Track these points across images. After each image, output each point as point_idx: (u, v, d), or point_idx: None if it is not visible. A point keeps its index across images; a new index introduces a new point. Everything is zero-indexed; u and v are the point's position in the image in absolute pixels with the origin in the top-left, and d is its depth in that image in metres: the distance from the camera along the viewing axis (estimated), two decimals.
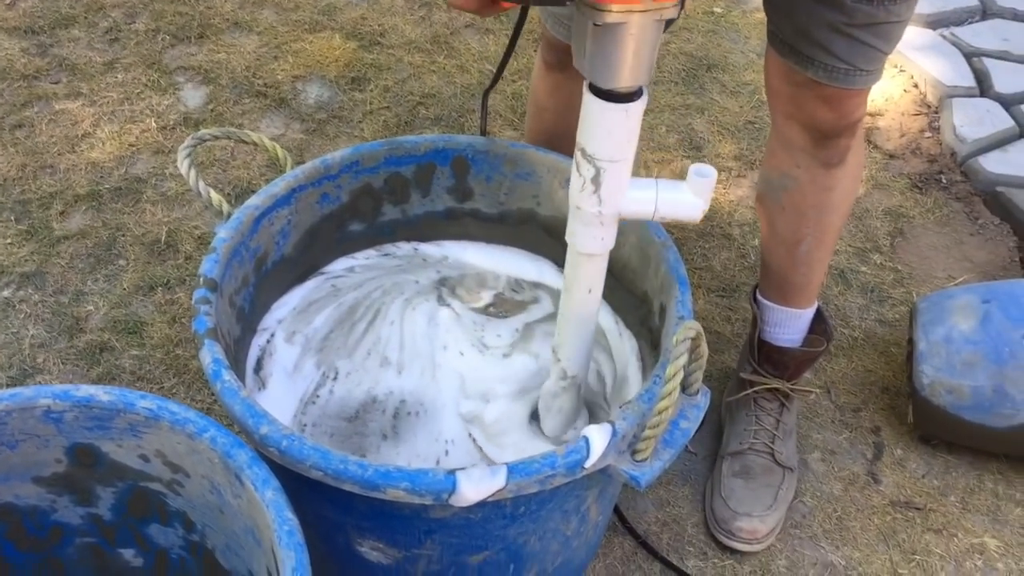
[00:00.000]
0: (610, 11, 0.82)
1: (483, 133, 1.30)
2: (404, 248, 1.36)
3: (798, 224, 1.32)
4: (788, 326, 1.43)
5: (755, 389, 1.45)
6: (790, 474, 1.42)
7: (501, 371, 1.22)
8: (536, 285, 1.34)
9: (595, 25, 0.84)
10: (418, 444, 1.14)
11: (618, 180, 0.94)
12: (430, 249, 1.37)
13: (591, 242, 0.99)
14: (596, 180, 0.94)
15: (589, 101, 0.90)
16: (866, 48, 1.13)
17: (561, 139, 1.37)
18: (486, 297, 1.31)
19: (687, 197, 0.95)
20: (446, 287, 1.31)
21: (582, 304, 1.04)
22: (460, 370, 1.21)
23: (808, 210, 1.30)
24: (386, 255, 1.35)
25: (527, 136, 1.52)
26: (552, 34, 1.32)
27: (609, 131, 0.91)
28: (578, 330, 1.06)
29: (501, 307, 1.30)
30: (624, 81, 0.87)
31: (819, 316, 1.45)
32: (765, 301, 1.43)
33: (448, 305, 1.29)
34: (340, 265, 1.33)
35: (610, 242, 1.00)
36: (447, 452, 1.14)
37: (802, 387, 1.47)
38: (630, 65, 0.86)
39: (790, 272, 1.38)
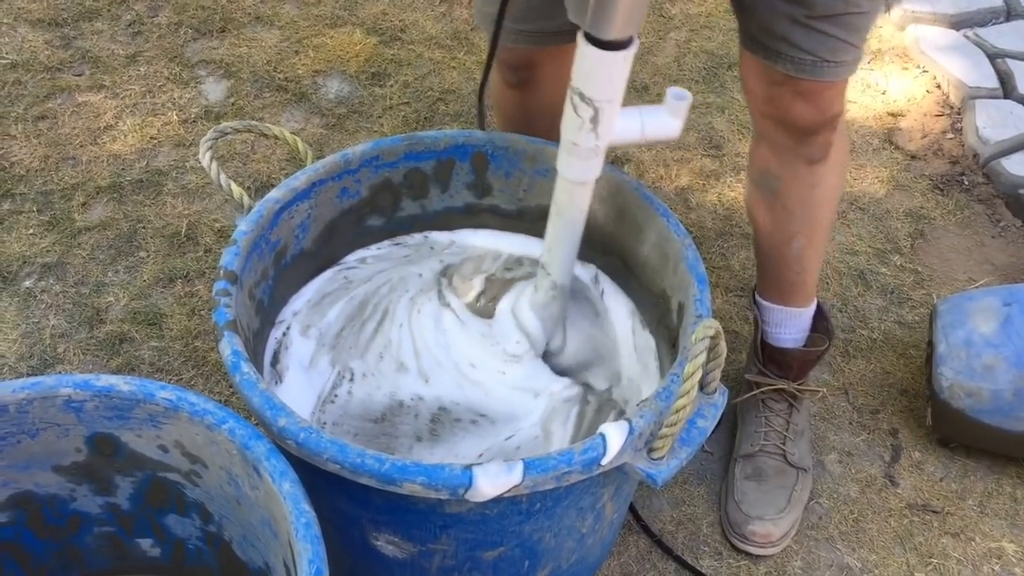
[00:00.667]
0: None
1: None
2: (416, 237, 1.36)
3: (787, 222, 1.32)
4: (789, 325, 1.43)
5: (762, 390, 1.45)
6: (804, 475, 1.42)
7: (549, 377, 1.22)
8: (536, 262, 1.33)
9: None
10: (459, 446, 1.14)
11: (613, 116, 1.05)
12: (440, 236, 1.37)
13: (588, 172, 1.09)
14: (595, 119, 1.03)
15: (588, 51, 0.99)
16: (830, 39, 1.13)
17: None
18: (477, 285, 1.29)
19: (666, 119, 1.06)
20: (445, 277, 1.30)
21: (575, 223, 1.15)
22: (504, 382, 1.21)
23: (796, 208, 1.30)
24: (397, 244, 1.35)
25: None
26: (511, 48, 1.28)
27: (608, 76, 1.00)
28: (570, 246, 1.17)
29: (489, 292, 1.28)
30: (623, 32, 0.97)
31: (821, 314, 1.44)
32: (764, 302, 1.43)
33: (448, 305, 1.27)
34: (354, 256, 1.33)
35: (600, 167, 1.10)
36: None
37: (810, 387, 1.47)
38: (628, 18, 0.95)
39: (784, 270, 1.38)
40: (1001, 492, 1.47)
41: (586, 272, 1.33)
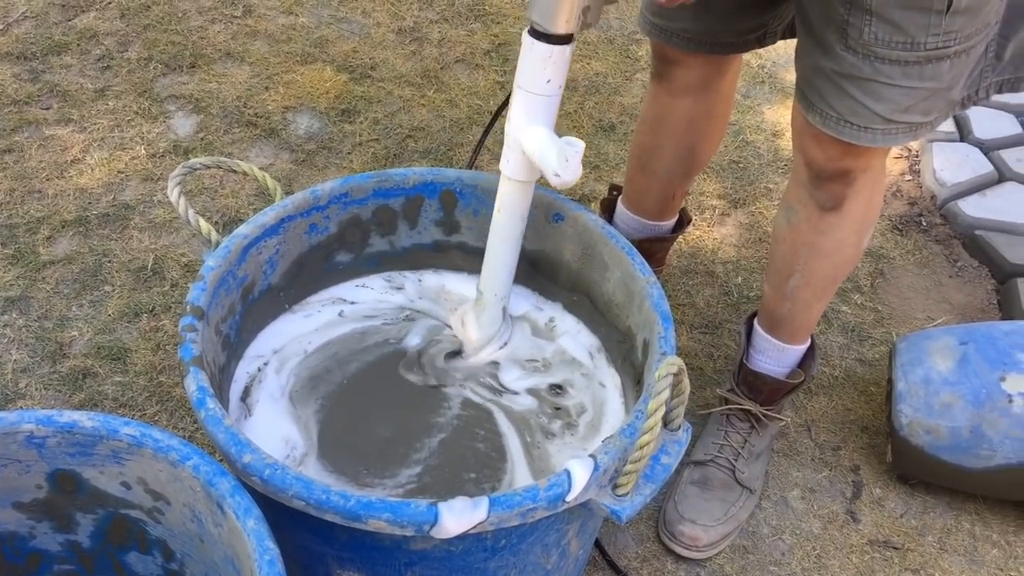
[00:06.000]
0: None
1: (470, 167, 1.34)
2: (396, 299, 1.37)
3: (791, 258, 1.36)
4: (771, 356, 1.46)
5: (728, 408, 1.49)
6: (749, 495, 1.45)
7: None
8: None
9: None
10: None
11: (522, 106, 1.10)
12: (423, 282, 1.39)
13: (502, 160, 1.15)
14: (509, 100, 1.12)
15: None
16: (852, 101, 1.13)
17: (652, 152, 1.48)
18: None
19: (551, 154, 1.06)
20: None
21: (495, 221, 1.20)
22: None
23: (800, 247, 1.33)
24: (375, 316, 1.34)
25: (630, 159, 1.59)
26: (654, 41, 1.39)
27: (522, 57, 1.08)
28: (489, 246, 1.22)
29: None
30: (535, 16, 1.05)
31: (810, 353, 1.48)
32: (757, 326, 1.48)
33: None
34: (332, 312, 1.33)
35: (511, 169, 1.14)
36: None
37: (774, 414, 1.49)
38: (542, 5, 1.03)
39: (777, 304, 1.41)
40: (960, 529, 1.49)
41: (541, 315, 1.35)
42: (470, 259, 1.37)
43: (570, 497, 0.93)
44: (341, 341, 1.28)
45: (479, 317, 1.27)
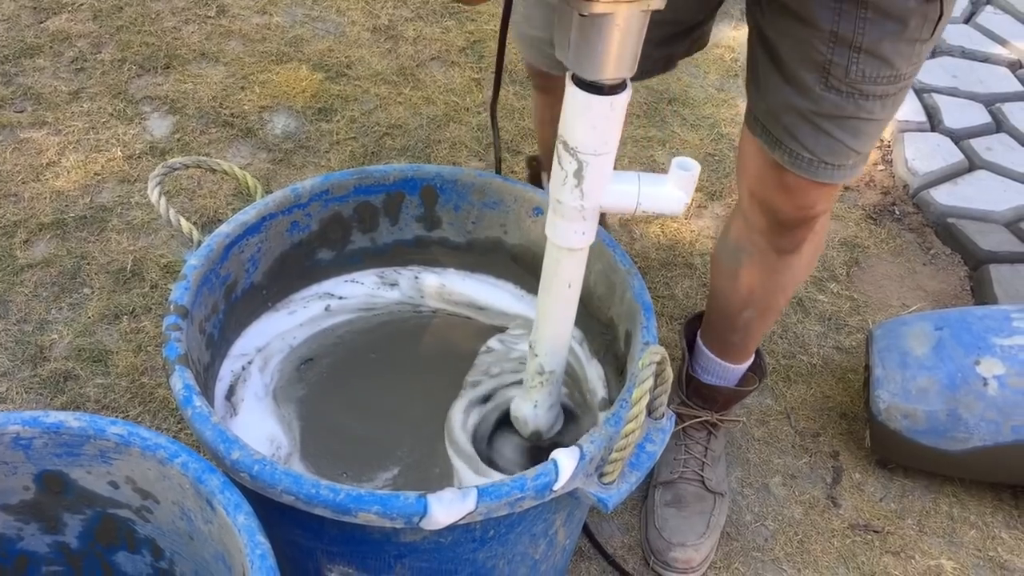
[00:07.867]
0: (597, 1, 0.80)
1: (496, 151, 1.30)
2: (385, 298, 1.37)
3: (745, 296, 1.32)
4: (720, 374, 1.44)
5: (685, 424, 1.46)
6: (721, 499, 1.44)
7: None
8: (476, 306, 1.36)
9: (581, 15, 0.82)
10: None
11: (601, 173, 0.93)
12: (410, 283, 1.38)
13: (572, 237, 0.99)
14: (579, 174, 0.93)
15: (572, 93, 0.89)
16: (831, 140, 1.08)
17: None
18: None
19: (669, 190, 0.95)
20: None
21: (561, 299, 1.05)
22: None
23: (755, 286, 1.30)
24: (369, 309, 1.35)
25: (539, 148, 1.61)
26: (530, 62, 1.36)
27: (593, 124, 0.89)
28: (556, 325, 1.07)
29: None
30: (609, 73, 0.86)
31: (756, 355, 1.45)
32: (701, 345, 1.43)
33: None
34: (318, 307, 1.33)
35: (591, 236, 0.99)
36: None
37: (731, 418, 1.48)
38: (615, 57, 0.84)
39: (729, 333, 1.38)
40: (938, 511, 1.52)
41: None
42: (451, 255, 1.38)
43: (557, 486, 0.94)
44: (327, 334, 1.29)
45: (550, 395, 1.14)
